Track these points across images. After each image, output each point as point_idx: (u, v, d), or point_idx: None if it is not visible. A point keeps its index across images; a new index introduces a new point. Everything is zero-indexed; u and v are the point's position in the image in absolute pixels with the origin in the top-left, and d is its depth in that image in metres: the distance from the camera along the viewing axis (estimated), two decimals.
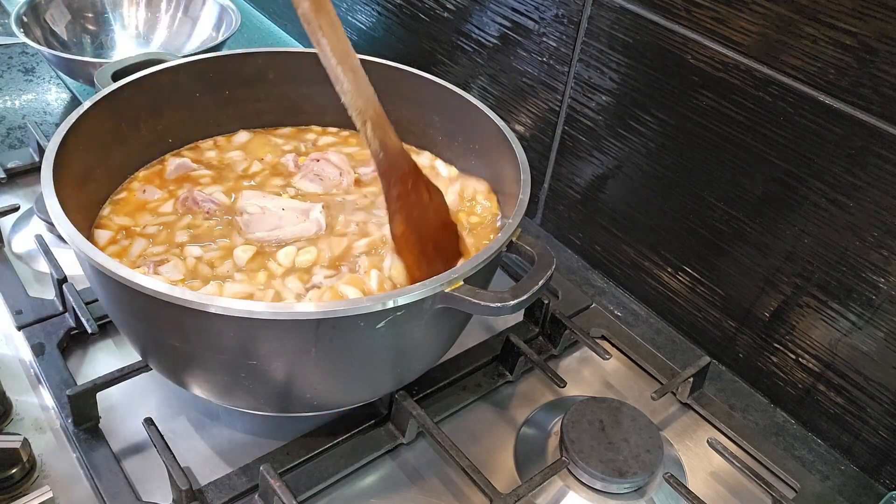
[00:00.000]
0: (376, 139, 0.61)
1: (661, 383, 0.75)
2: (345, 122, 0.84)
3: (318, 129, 0.85)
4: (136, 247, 0.66)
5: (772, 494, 0.65)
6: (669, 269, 0.81)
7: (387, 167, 0.62)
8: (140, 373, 0.67)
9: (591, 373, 0.78)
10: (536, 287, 0.55)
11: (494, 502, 0.60)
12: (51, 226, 0.81)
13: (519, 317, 0.80)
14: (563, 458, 0.65)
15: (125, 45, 1.25)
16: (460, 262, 0.63)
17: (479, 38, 0.93)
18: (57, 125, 0.83)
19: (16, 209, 0.85)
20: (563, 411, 0.69)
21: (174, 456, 0.60)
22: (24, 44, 1.13)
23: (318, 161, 0.76)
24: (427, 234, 0.64)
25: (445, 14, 0.97)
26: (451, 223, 0.66)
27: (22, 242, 0.83)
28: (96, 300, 0.73)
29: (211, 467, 0.64)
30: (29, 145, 0.98)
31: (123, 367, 0.66)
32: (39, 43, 1.08)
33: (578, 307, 0.83)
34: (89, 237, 0.66)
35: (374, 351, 0.57)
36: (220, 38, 1.12)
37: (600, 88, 0.81)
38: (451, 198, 0.71)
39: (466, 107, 0.75)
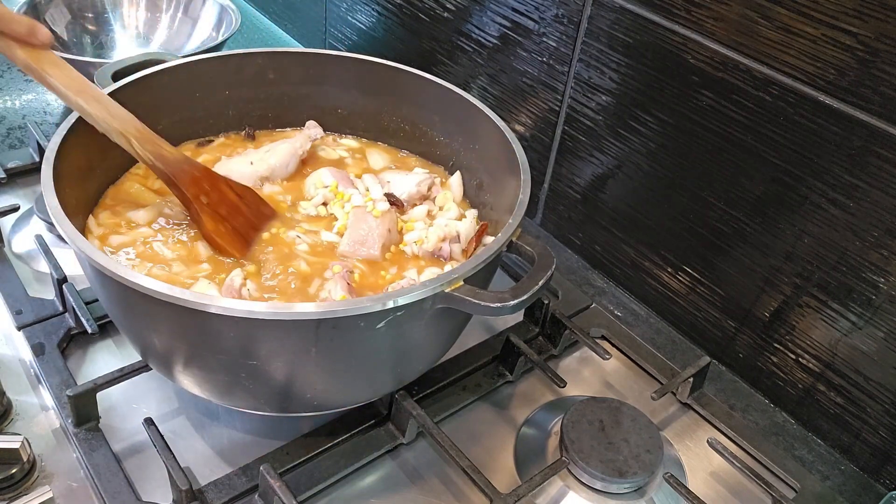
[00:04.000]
0: (147, 152, 0.65)
1: (661, 383, 0.75)
2: (343, 122, 0.85)
3: None
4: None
5: (772, 494, 0.65)
6: (669, 269, 0.81)
7: (169, 175, 0.66)
8: (140, 373, 0.67)
9: (591, 373, 0.78)
10: (536, 287, 0.55)
11: (494, 502, 0.60)
12: (51, 226, 0.81)
13: (519, 317, 0.80)
14: (563, 458, 0.65)
15: (125, 45, 1.25)
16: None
17: (479, 38, 0.93)
18: (57, 125, 0.83)
19: (16, 209, 0.85)
20: (563, 411, 0.69)
21: (174, 456, 0.60)
22: None
23: None
24: (244, 224, 0.69)
25: (445, 14, 0.96)
26: (267, 212, 0.72)
27: (22, 242, 0.83)
28: (96, 300, 0.73)
29: (211, 467, 0.64)
30: (29, 145, 0.98)
31: (123, 367, 0.66)
32: None
33: (578, 307, 0.83)
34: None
35: (374, 351, 0.57)
36: (220, 38, 1.12)
37: (600, 88, 0.81)
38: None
39: (466, 107, 0.75)
